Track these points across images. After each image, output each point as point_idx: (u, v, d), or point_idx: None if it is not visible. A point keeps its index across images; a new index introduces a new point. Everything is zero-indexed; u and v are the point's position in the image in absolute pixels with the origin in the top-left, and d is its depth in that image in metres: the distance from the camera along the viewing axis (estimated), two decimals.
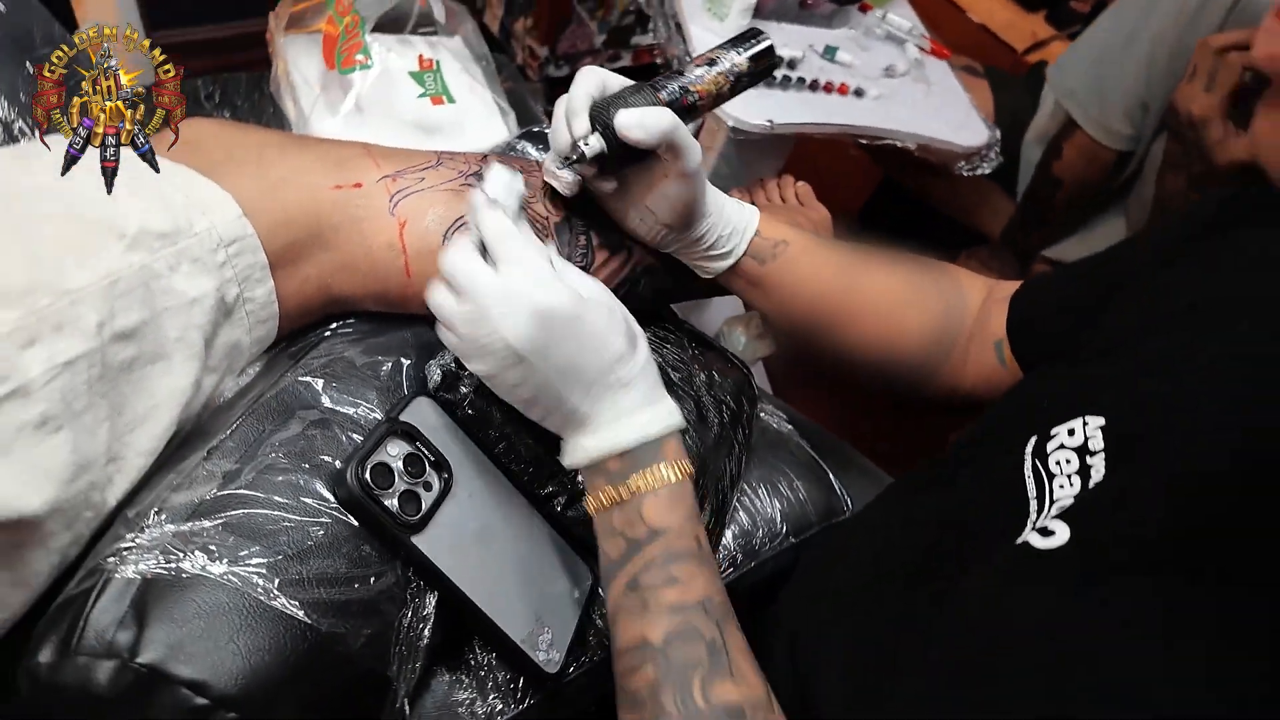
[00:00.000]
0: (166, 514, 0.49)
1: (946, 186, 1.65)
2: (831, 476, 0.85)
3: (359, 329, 0.64)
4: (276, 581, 0.48)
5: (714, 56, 0.65)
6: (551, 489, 0.64)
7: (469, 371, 0.61)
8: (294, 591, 0.49)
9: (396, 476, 0.55)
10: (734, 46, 0.66)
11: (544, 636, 0.61)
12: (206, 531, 0.49)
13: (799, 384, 1.63)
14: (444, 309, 0.54)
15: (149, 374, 0.53)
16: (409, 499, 0.55)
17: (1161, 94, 1.31)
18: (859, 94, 1.21)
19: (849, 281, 0.71)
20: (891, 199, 1.88)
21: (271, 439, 0.54)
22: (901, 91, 1.27)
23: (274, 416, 0.55)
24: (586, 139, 0.59)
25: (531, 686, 0.63)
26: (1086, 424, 0.50)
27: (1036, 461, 0.51)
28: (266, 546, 0.49)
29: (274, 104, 1.05)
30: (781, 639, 0.63)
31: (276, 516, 0.51)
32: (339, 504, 0.53)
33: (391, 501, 0.54)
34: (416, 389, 0.60)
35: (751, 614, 0.59)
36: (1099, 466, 0.48)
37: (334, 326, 0.64)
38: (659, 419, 0.54)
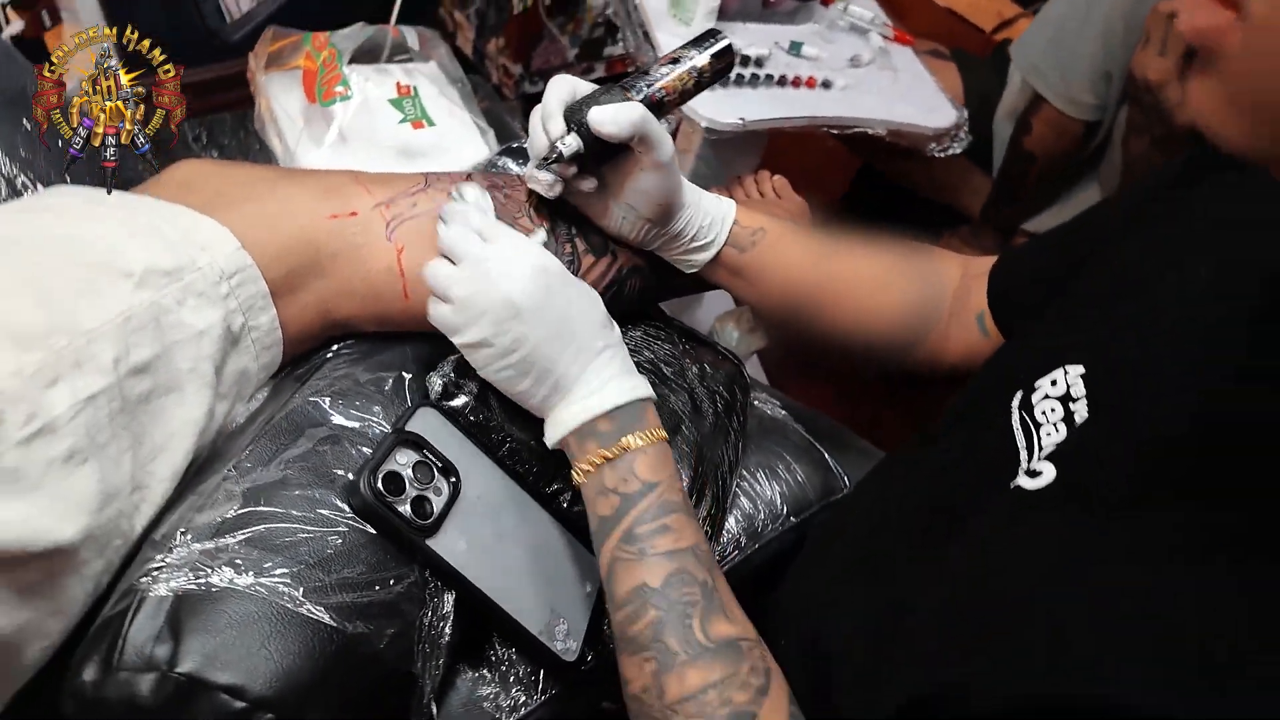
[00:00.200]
0: (192, 534, 0.52)
1: (925, 170, 1.67)
2: (828, 456, 0.88)
3: (359, 348, 0.67)
4: (301, 589, 0.51)
5: (677, 56, 0.68)
6: (557, 486, 0.67)
7: (468, 380, 0.64)
8: (318, 597, 0.51)
9: (407, 484, 0.57)
10: (695, 46, 0.68)
11: (560, 627, 0.64)
12: (231, 547, 0.51)
13: (794, 375, 1.65)
14: (440, 275, 0.59)
15: (165, 404, 0.55)
16: (420, 504, 0.57)
17: (1122, 62, 1.34)
18: (826, 85, 1.24)
19: (827, 265, 0.74)
20: (872, 186, 1.90)
21: (285, 456, 0.56)
22: (868, 80, 1.29)
23: (286, 436, 0.58)
24: (563, 139, 0.62)
25: (552, 677, 0.65)
26: (1067, 372, 0.52)
27: (1023, 414, 0.54)
28: (289, 557, 0.52)
29: (260, 140, 1.08)
30: (792, 617, 0.66)
31: (295, 529, 0.53)
32: (355, 513, 0.56)
33: (404, 507, 0.56)
34: (420, 400, 0.63)
35: (756, 598, 0.61)
36: (1082, 411, 0.50)
37: (336, 348, 0.66)
38: (641, 385, 0.59)
